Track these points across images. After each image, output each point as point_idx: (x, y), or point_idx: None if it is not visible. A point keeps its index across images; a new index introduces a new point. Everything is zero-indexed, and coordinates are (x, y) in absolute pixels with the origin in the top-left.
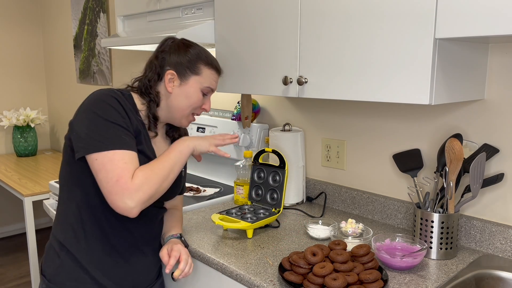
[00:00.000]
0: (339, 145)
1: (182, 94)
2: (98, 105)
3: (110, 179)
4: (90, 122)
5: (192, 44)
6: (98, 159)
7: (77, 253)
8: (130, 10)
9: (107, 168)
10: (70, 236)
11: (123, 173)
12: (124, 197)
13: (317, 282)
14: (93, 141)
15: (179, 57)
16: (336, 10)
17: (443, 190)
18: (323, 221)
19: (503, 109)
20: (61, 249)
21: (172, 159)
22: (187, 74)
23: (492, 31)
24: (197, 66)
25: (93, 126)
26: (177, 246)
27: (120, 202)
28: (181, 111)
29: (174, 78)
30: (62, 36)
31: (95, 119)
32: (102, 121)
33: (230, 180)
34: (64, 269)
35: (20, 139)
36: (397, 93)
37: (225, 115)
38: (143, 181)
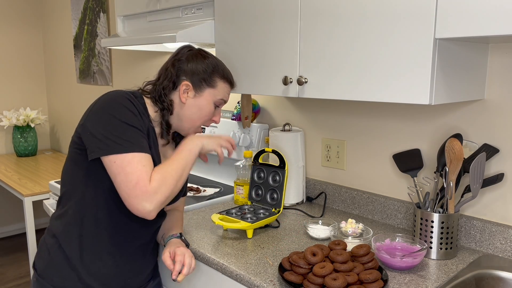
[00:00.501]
0: (339, 145)
1: (196, 106)
2: (114, 106)
3: (129, 182)
4: (107, 123)
5: (209, 56)
6: (117, 162)
7: (69, 250)
8: (130, 10)
9: (126, 171)
10: (65, 232)
11: (142, 176)
12: (143, 201)
13: (317, 282)
14: (111, 143)
15: (196, 68)
16: (336, 10)
17: (443, 190)
18: (323, 221)
19: (503, 109)
20: (53, 245)
21: (184, 158)
22: (202, 86)
23: (492, 31)
24: (213, 79)
25: (109, 127)
26: (180, 249)
27: (139, 205)
28: (192, 122)
29: (189, 89)
30: (62, 36)
31: (112, 120)
32: (119, 122)
33: (230, 180)
34: (53, 265)
35: (20, 139)
36: (397, 93)
37: (225, 115)
38: (160, 183)
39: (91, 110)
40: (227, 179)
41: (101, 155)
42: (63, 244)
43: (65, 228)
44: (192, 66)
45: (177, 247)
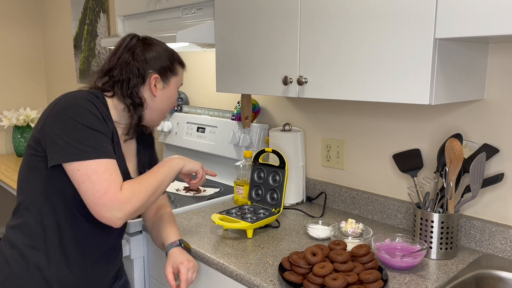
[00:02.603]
0: (339, 145)
1: (166, 97)
2: (75, 109)
3: (97, 191)
4: (68, 127)
5: (157, 42)
6: (81, 170)
7: (34, 260)
8: (130, 10)
9: (92, 179)
10: (28, 242)
11: (111, 185)
12: (112, 209)
13: (317, 282)
14: (73, 149)
15: (159, 59)
16: (336, 10)
17: (443, 190)
18: (323, 221)
19: (503, 109)
20: (13, 255)
21: (162, 173)
22: (168, 76)
23: (492, 31)
24: (175, 67)
25: (71, 132)
26: (183, 265)
27: (107, 213)
28: (163, 112)
29: (157, 81)
30: (62, 36)
31: (74, 124)
32: (81, 127)
33: (230, 180)
34: (14, 277)
35: (20, 139)
36: (397, 93)
37: (225, 115)
38: (132, 194)
39: (49, 113)
40: (227, 179)
41: (62, 161)
42: (26, 254)
43: (27, 238)
44: (153, 57)
45: (181, 263)
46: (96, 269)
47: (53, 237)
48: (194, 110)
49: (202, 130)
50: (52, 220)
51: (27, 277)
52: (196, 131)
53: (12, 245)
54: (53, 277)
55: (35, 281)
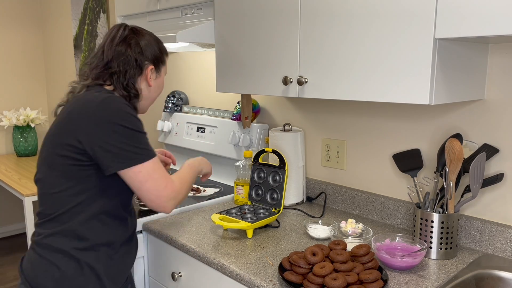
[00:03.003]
0: (339, 145)
1: (159, 86)
2: (122, 116)
3: (160, 186)
4: (123, 136)
5: (147, 32)
6: (143, 171)
7: (85, 260)
8: (130, 10)
9: (154, 177)
10: (75, 245)
11: (168, 179)
12: (171, 198)
13: (317, 282)
14: (131, 154)
15: (152, 50)
16: (336, 10)
17: (443, 190)
18: (323, 221)
19: (503, 109)
20: (61, 259)
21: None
22: (160, 66)
23: (492, 31)
24: (163, 57)
25: (126, 139)
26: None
27: (167, 202)
28: (153, 100)
29: (152, 72)
30: (62, 36)
31: (126, 132)
32: (131, 132)
33: (230, 180)
34: (67, 278)
35: (20, 139)
36: (397, 93)
37: (225, 115)
38: (181, 185)
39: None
40: (227, 179)
41: (122, 168)
42: (76, 256)
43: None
44: (146, 47)
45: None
46: (130, 256)
47: (103, 236)
48: (194, 110)
49: (202, 130)
50: (97, 222)
51: (80, 276)
52: (196, 131)
53: (57, 250)
54: (102, 272)
55: (88, 278)
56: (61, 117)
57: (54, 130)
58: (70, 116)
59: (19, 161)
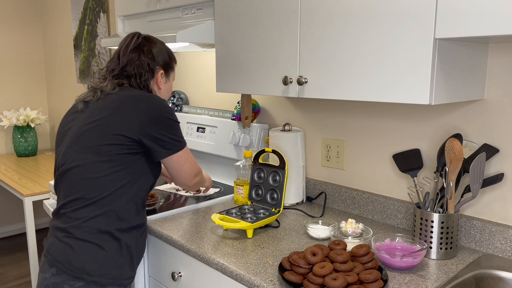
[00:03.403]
0: (339, 145)
1: (167, 89)
2: (169, 111)
3: (194, 165)
4: (170, 127)
5: (158, 40)
6: (183, 155)
7: (125, 241)
8: (130, 10)
9: (189, 159)
10: (117, 226)
11: (194, 160)
12: (197, 176)
13: (317, 282)
14: (177, 143)
15: (163, 56)
16: (336, 10)
17: (443, 190)
18: (323, 221)
19: (503, 109)
20: (104, 240)
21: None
22: (169, 71)
23: (492, 31)
24: (172, 63)
25: (173, 130)
26: None
27: (195, 178)
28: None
29: (162, 76)
30: (62, 36)
31: (172, 123)
32: (175, 124)
33: (230, 180)
34: (109, 258)
35: (20, 139)
36: (397, 93)
37: (225, 115)
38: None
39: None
40: (227, 179)
41: (173, 153)
42: (118, 236)
43: (117, 222)
44: (157, 53)
45: None
46: (145, 240)
47: (136, 218)
48: (194, 110)
49: (202, 130)
50: (133, 204)
51: (119, 256)
52: (196, 131)
53: (101, 231)
54: (135, 252)
55: (125, 258)
56: (106, 110)
57: (100, 122)
58: (120, 109)
59: (19, 161)
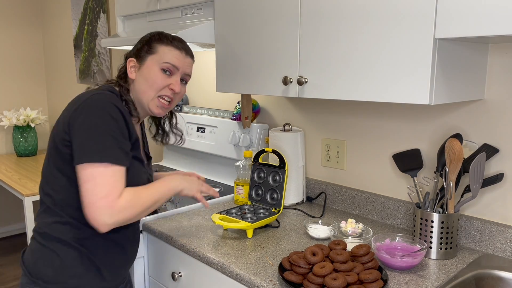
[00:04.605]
0: (339, 145)
1: (142, 76)
2: (99, 114)
3: (98, 192)
4: (87, 131)
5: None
6: (89, 170)
7: (85, 251)
8: (130, 10)
9: (96, 181)
10: (76, 235)
11: (113, 190)
12: (104, 214)
13: (317, 282)
14: (88, 151)
15: (139, 43)
16: (336, 10)
17: (443, 190)
18: (323, 221)
19: (503, 109)
20: (61, 248)
21: (161, 193)
22: (144, 56)
23: (492, 31)
24: (151, 45)
25: (90, 134)
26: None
27: (98, 216)
28: (145, 93)
29: (134, 65)
30: (62, 36)
31: (94, 128)
32: (100, 131)
33: (230, 180)
34: (66, 267)
35: (20, 139)
36: (397, 93)
37: (225, 115)
38: (127, 205)
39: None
40: (227, 179)
41: (78, 162)
42: (76, 246)
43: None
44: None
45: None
46: (131, 249)
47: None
48: (194, 110)
49: (202, 130)
50: None
51: (79, 265)
52: (196, 131)
53: (58, 239)
54: (101, 262)
55: (87, 268)
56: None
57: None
58: (61, 113)
59: (19, 161)
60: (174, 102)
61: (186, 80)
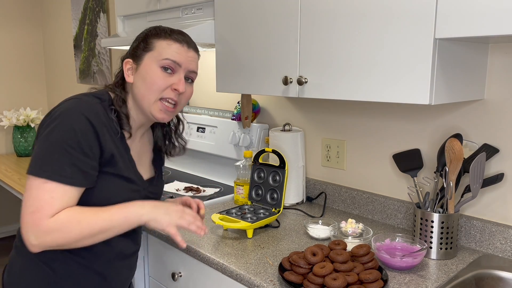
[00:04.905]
0: (339, 145)
1: (139, 77)
2: (59, 125)
3: (29, 206)
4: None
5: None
6: (29, 181)
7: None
8: (130, 10)
9: (31, 194)
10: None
11: (44, 207)
12: (30, 231)
13: (317, 282)
14: (34, 162)
15: (133, 43)
16: (336, 10)
17: (443, 190)
18: (323, 221)
19: (503, 109)
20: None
21: (113, 221)
22: (140, 54)
23: (492, 31)
24: (148, 41)
25: (42, 146)
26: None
27: (25, 233)
28: (144, 97)
29: (131, 66)
30: (62, 36)
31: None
32: (54, 144)
33: (230, 180)
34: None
35: (20, 139)
36: (397, 93)
37: (225, 115)
38: (56, 228)
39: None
40: (227, 179)
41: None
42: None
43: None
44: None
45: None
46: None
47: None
48: (194, 110)
49: (202, 130)
50: None
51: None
52: (196, 131)
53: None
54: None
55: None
56: None
57: None
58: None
59: (19, 161)
60: (180, 105)
61: (192, 78)
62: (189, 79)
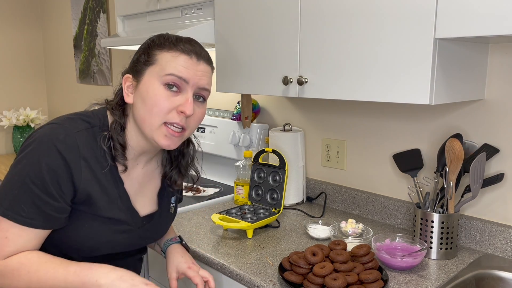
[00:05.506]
0: (339, 145)
1: (139, 97)
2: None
3: None
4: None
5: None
6: None
7: None
8: (130, 10)
9: None
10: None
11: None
12: None
13: (317, 282)
14: None
15: (135, 55)
16: (336, 10)
17: (443, 190)
18: (323, 221)
19: (503, 109)
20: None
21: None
22: (141, 69)
23: (492, 31)
24: (149, 54)
25: (6, 180)
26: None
27: None
28: (146, 122)
29: (131, 83)
30: (62, 36)
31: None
32: (17, 180)
33: (230, 180)
34: None
35: (20, 139)
36: (397, 93)
37: (225, 115)
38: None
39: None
40: (227, 179)
41: None
42: None
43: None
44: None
45: (188, 267)
46: None
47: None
48: None
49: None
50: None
51: None
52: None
53: None
54: None
55: None
56: None
57: None
58: None
59: None
60: (190, 129)
61: (204, 97)
62: (200, 98)
